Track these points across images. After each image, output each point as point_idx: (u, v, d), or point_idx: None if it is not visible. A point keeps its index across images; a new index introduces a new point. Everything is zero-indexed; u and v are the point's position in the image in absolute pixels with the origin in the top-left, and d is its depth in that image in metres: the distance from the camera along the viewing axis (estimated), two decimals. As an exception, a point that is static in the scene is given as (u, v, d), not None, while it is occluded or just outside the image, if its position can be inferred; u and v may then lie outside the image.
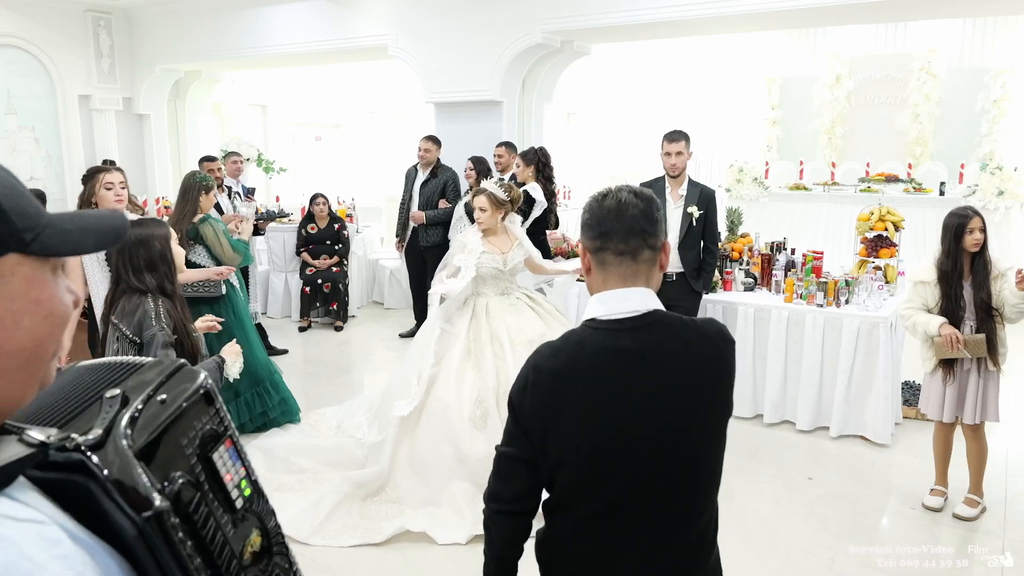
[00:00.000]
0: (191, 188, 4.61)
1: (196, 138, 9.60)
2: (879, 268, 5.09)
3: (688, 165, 4.53)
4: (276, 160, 8.91)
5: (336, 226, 7.46)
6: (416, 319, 6.80)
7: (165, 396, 0.70)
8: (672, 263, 4.47)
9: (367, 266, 8.27)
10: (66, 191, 8.03)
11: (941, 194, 8.44)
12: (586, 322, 1.49)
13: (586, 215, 1.50)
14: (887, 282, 4.98)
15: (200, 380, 0.74)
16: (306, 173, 10.93)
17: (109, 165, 8.25)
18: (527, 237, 4.17)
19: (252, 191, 7.20)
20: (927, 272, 3.57)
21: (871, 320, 4.45)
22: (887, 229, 5.28)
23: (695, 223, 4.46)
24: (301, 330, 7.20)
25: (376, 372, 6.09)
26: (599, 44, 7.90)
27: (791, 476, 4.07)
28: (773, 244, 5.45)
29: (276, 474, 3.95)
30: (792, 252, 5.38)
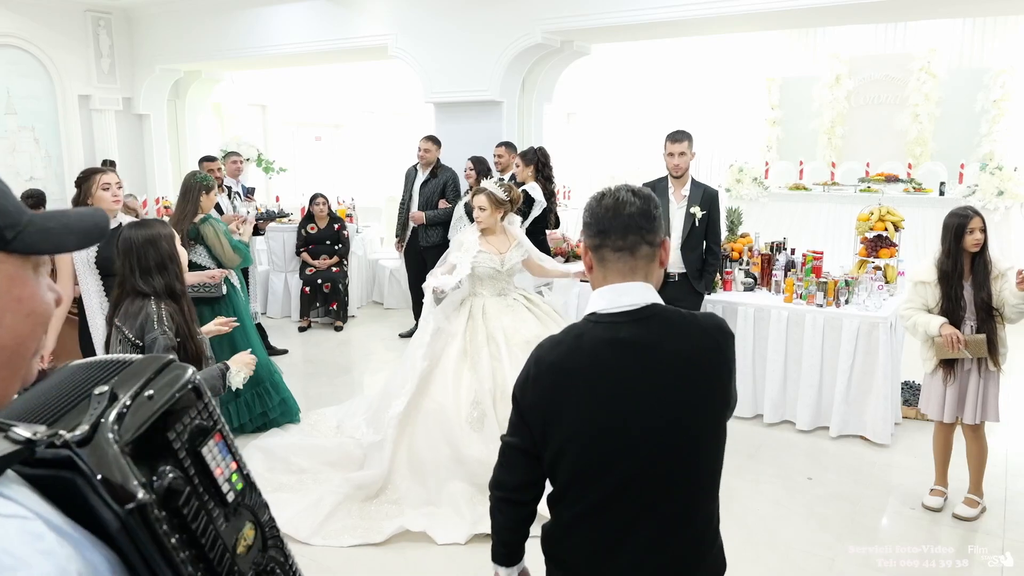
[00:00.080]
0: (192, 188, 4.61)
1: (196, 138, 9.60)
2: (879, 268, 5.09)
3: (691, 165, 4.52)
4: (276, 160, 8.92)
5: (336, 226, 7.46)
6: (416, 319, 6.79)
7: (152, 392, 0.71)
8: (674, 263, 4.46)
9: (367, 266, 8.27)
10: (66, 191, 8.03)
11: (941, 194, 8.44)
12: (587, 316, 1.53)
13: (586, 215, 1.54)
14: (887, 282, 4.98)
15: (188, 376, 0.75)
16: (306, 173, 10.94)
17: (109, 165, 8.29)
18: (527, 238, 4.16)
19: (252, 191, 7.20)
20: (927, 272, 3.57)
21: (871, 320, 4.45)
22: (887, 229, 5.28)
23: (698, 223, 4.45)
24: (301, 330, 7.20)
25: (376, 372, 6.09)
26: (599, 44, 7.90)
27: (791, 476, 4.07)
28: (773, 244, 5.45)
29: (276, 474, 3.95)
30: (792, 252, 5.38)
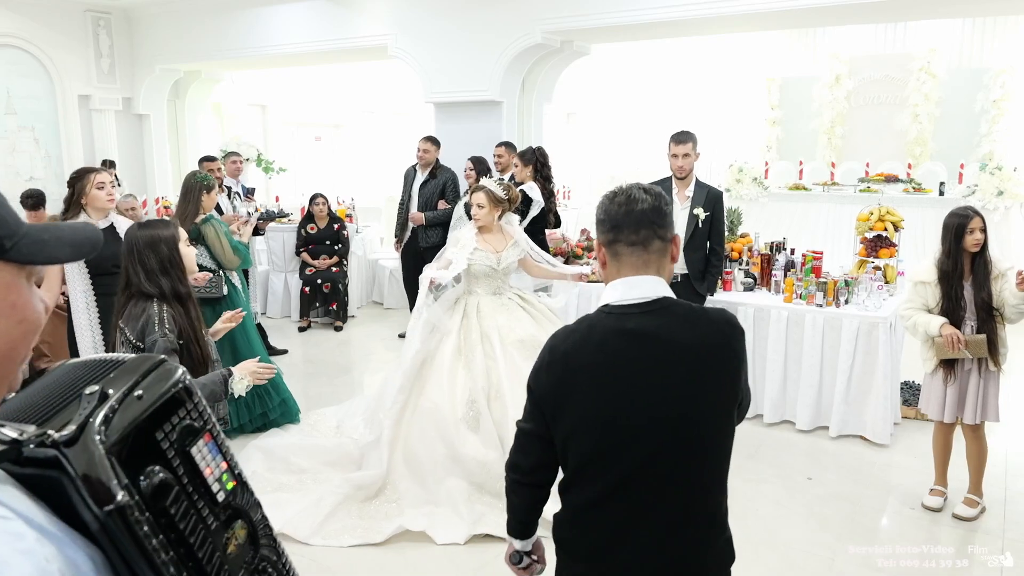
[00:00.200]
0: (192, 188, 4.61)
1: (196, 138, 9.60)
2: (879, 268, 5.09)
3: (695, 166, 4.48)
4: (276, 160, 8.92)
5: (336, 226, 7.46)
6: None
7: (142, 392, 0.71)
8: (677, 265, 4.43)
9: (367, 266, 8.27)
10: (66, 191, 8.02)
11: (941, 194, 8.44)
12: (600, 308, 1.58)
13: (599, 212, 1.59)
14: (887, 282, 4.98)
15: (177, 376, 0.75)
16: (306, 173, 10.93)
17: (108, 166, 8.28)
18: (527, 238, 4.15)
19: (252, 191, 7.20)
20: (927, 272, 3.56)
21: (871, 320, 4.45)
22: (886, 229, 5.28)
23: (701, 225, 4.42)
24: (301, 330, 7.20)
25: (376, 372, 6.09)
26: (599, 44, 7.90)
27: (791, 476, 4.07)
28: (773, 244, 5.45)
29: (276, 474, 3.95)
30: (792, 252, 5.38)
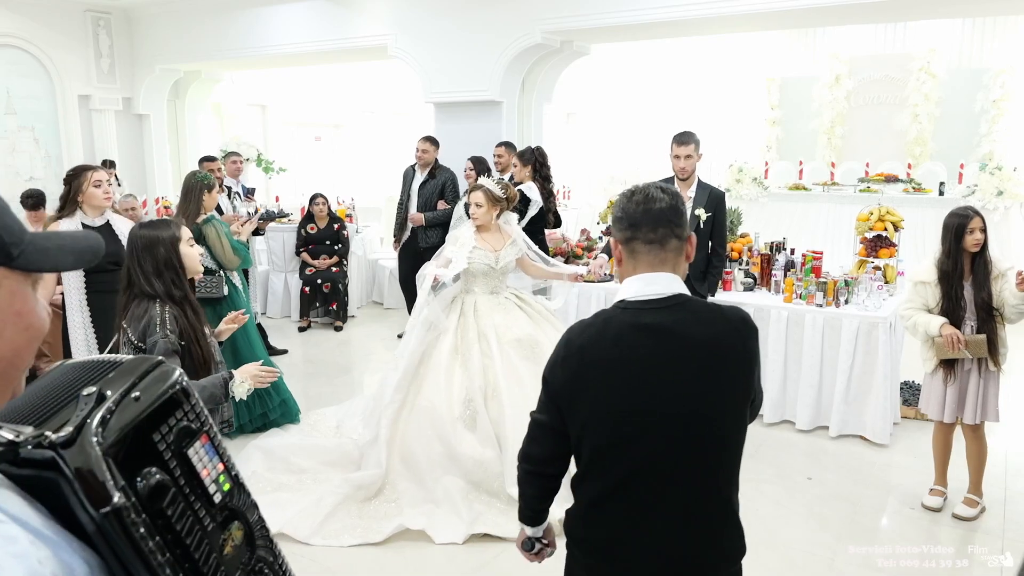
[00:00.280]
0: (193, 188, 4.59)
1: (196, 138, 9.60)
2: (878, 268, 5.09)
3: (696, 167, 4.47)
4: (276, 160, 8.91)
5: (336, 226, 7.46)
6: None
7: (139, 393, 0.71)
8: None
9: (367, 266, 8.27)
10: (66, 191, 8.03)
11: (940, 194, 8.44)
12: (616, 303, 1.60)
13: (617, 210, 1.62)
14: (886, 282, 4.98)
15: (174, 377, 0.75)
16: (306, 173, 10.93)
17: (108, 165, 8.28)
18: (525, 237, 4.14)
19: (252, 191, 7.20)
20: (927, 272, 3.57)
21: (870, 320, 4.45)
22: (886, 229, 5.28)
23: (702, 225, 4.41)
24: (301, 330, 7.20)
25: (376, 372, 6.08)
26: (599, 44, 7.90)
27: (791, 476, 4.07)
28: (772, 244, 5.45)
29: (276, 474, 3.95)
30: (791, 252, 5.38)
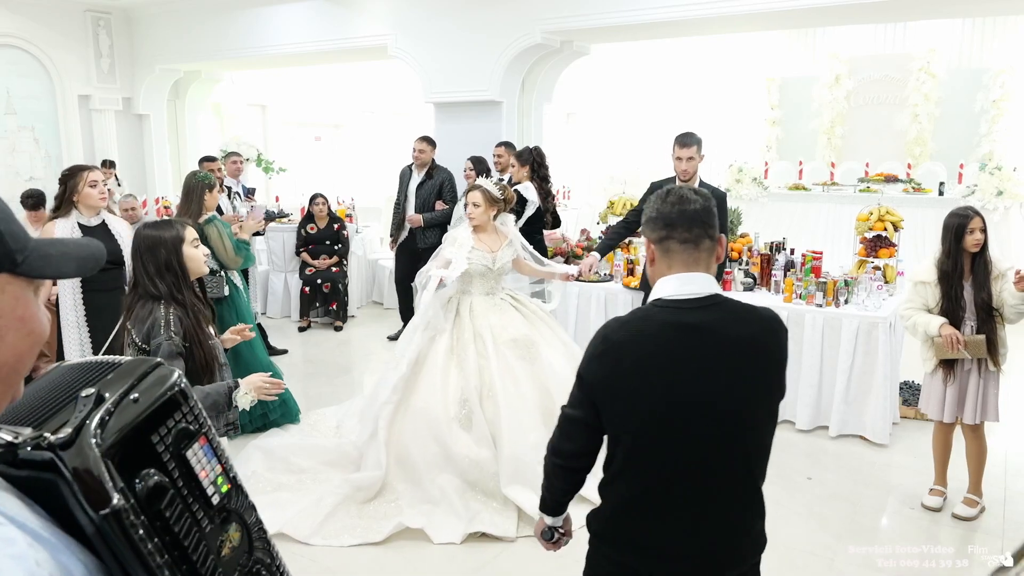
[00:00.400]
0: (194, 188, 4.59)
1: (196, 138, 9.60)
2: (878, 268, 5.09)
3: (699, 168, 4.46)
4: (276, 160, 8.92)
5: (336, 226, 7.46)
6: (403, 320, 6.74)
7: (138, 395, 0.71)
8: None
9: (367, 266, 8.27)
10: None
11: (940, 194, 8.45)
12: (652, 302, 1.62)
13: (651, 211, 1.64)
14: (886, 282, 4.98)
15: (173, 379, 0.75)
16: (306, 173, 10.93)
17: (108, 166, 8.28)
18: (521, 237, 4.15)
19: (252, 191, 7.21)
20: (927, 272, 3.57)
21: (870, 320, 4.45)
22: (886, 229, 5.28)
23: None
24: (301, 330, 7.20)
25: (375, 372, 6.08)
26: (599, 44, 7.90)
27: (791, 476, 4.07)
28: (772, 244, 5.45)
29: (276, 474, 3.95)
30: (791, 252, 5.38)
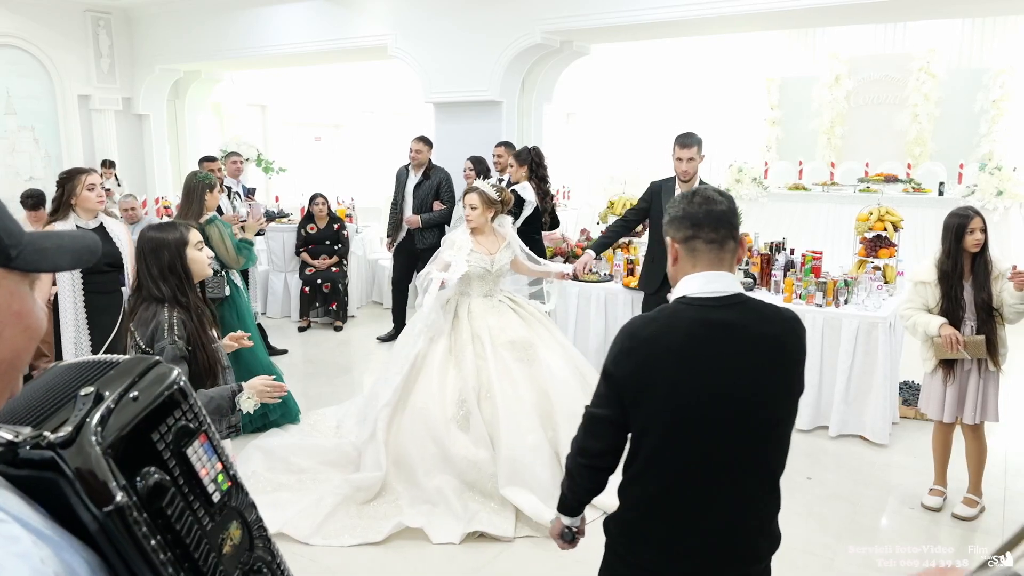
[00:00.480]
0: (195, 188, 4.58)
1: (196, 138, 9.60)
2: (878, 268, 5.10)
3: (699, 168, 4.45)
4: (276, 160, 8.92)
5: (335, 226, 7.47)
6: (395, 322, 6.74)
7: (137, 393, 0.71)
8: None
9: (366, 266, 8.27)
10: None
11: (940, 194, 8.45)
12: (677, 299, 1.64)
13: (677, 211, 1.67)
14: (886, 282, 4.98)
15: (173, 377, 0.75)
16: (306, 173, 10.93)
17: (108, 166, 8.28)
18: (518, 238, 4.17)
19: (252, 191, 7.21)
20: (927, 272, 3.57)
21: (870, 320, 4.45)
22: (886, 229, 5.28)
23: None
24: (301, 330, 7.20)
25: (375, 372, 6.08)
26: (599, 44, 7.90)
27: (790, 476, 4.05)
28: (772, 244, 5.45)
29: (276, 474, 3.96)
30: (791, 252, 5.38)
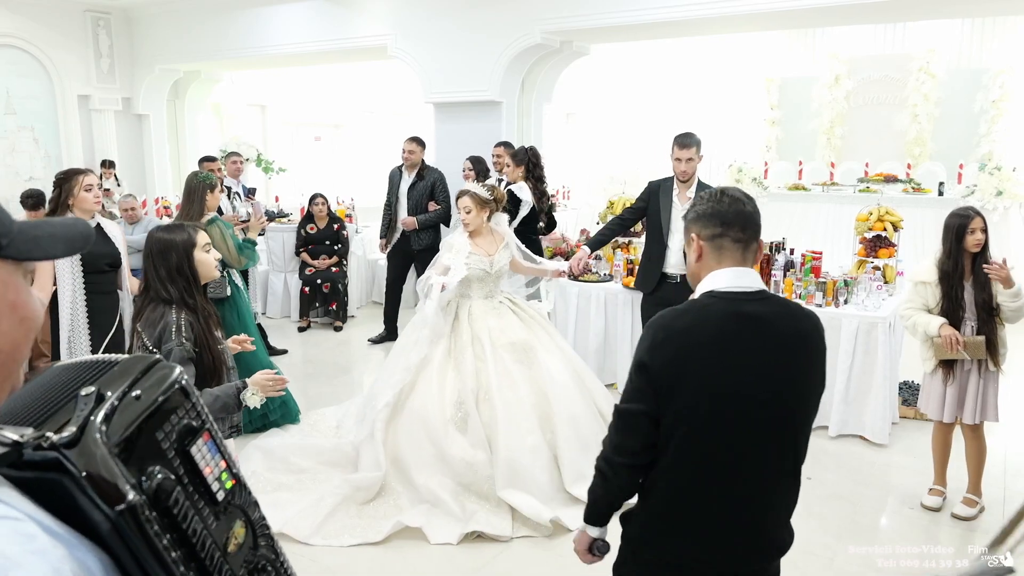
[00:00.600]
0: (196, 188, 4.57)
1: (196, 138, 9.60)
2: (878, 268, 5.10)
3: (697, 169, 4.46)
4: (276, 160, 8.92)
5: (335, 226, 7.46)
6: (386, 324, 6.71)
7: (139, 392, 0.71)
8: (676, 265, 4.44)
9: (366, 266, 8.27)
10: (65, 191, 8.02)
11: (940, 194, 8.45)
12: (705, 293, 1.66)
13: (705, 208, 1.70)
14: (886, 282, 4.98)
15: (175, 375, 0.75)
16: (306, 173, 10.92)
17: (108, 166, 8.28)
18: (515, 237, 4.17)
19: (252, 191, 7.20)
20: (928, 272, 3.57)
21: (870, 320, 4.45)
22: (886, 229, 5.28)
23: None
24: (300, 330, 7.20)
25: (375, 372, 6.08)
26: (598, 44, 7.91)
27: (790, 476, 4.07)
28: (772, 244, 5.44)
29: (276, 474, 3.95)
30: (791, 252, 5.37)
